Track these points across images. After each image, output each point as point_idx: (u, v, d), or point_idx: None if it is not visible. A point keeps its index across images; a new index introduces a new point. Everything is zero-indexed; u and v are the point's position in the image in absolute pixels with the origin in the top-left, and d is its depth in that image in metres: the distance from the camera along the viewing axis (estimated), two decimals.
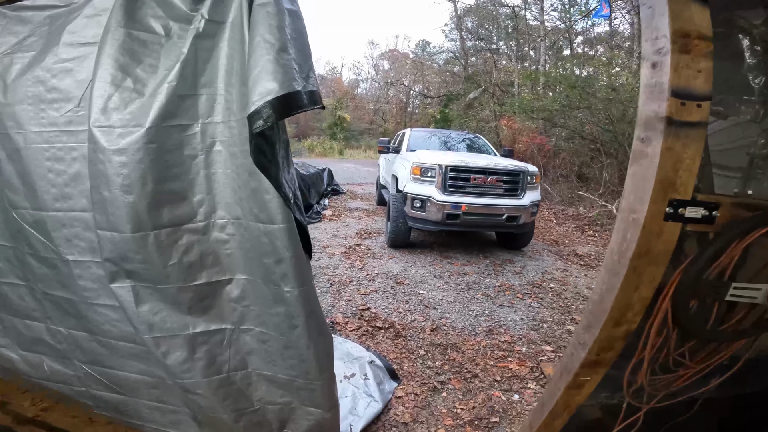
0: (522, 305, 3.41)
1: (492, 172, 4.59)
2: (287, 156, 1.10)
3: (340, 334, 2.76)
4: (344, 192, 9.49)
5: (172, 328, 1.16)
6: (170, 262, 1.09)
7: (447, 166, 4.49)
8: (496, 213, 4.52)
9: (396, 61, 36.57)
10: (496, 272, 4.25)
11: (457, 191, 4.51)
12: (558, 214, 8.02)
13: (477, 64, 20.34)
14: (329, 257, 4.49)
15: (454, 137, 6.82)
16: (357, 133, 32.58)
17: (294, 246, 1.09)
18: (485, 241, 5.61)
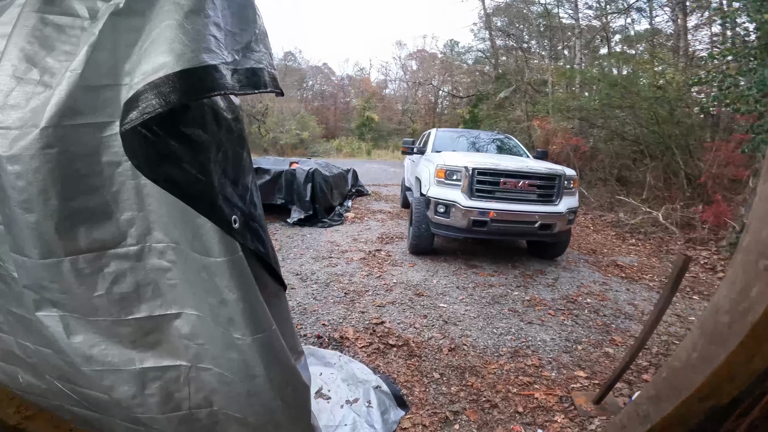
0: (554, 323, 3.09)
1: (524, 175, 4.22)
2: (238, 160, 0.86)
3: (348, 350, 2.55)
4: (369, 193, 9.33)
5: (114, 362, 0.97)
6: (96, 293, 0.89)
7: (474, 169, 4.16)
8: (528, 220, 4.16)
9: (424, 61, 36.35)
10: (525, 284, 3.91)
11: (485, 196, 4.18)
12: (596, 220, 7.50)
13: (507, 64, 19.80)
14: (347, 263, 4.27)
15: (482, 138, 6.45)
16: (385, 134, 32.61)
17: (242, 285, 0.87)
18: (514, 249, 5.26)
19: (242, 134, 0.89)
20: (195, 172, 0.75)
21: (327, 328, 2.83)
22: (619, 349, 2.76)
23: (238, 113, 0.88)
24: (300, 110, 31.79)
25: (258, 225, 0.87)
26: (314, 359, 2.26)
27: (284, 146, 28.14)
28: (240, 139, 0.86)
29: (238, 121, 0.87)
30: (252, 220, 0.85)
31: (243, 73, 0.75)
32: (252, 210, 0.86)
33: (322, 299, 3.33)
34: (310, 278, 3.79)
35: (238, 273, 0.84)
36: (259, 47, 0.81)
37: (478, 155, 5.10)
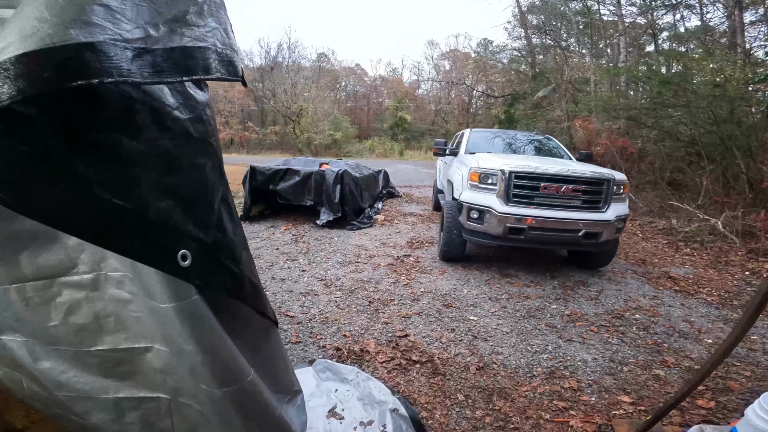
0: (596, 341, 2.83)
1: (567, 179, 3.88)
2: (198, 174, 0.69)
3: (368, 365, 2.39)
4: (400, 195, 9.16)
5: (86, 390, 0.86)
6: (50, 323, 0.77)
7: (511, 172, 3.87)
8: (571, 229, 3.82)
9: (457, 60, 35.84)
10: (565, 297, 3.60)
11: (523, 202, 3.88)
12: (645, 227, 6.94)
13: (545, 62, 19.05)
14: (373, 269, 4.11)
15: (520, 138, 6.09)
16: (418, 134, 32.43)
17: (201, 334, 0.70)
18: (554, 258, 4.90)
19: (207, 139, 0.72)
20: (110, 198, 0.57)
21: (348, 339, 2.69)
22: (671, 371, 2.48)
23: (202, 112, 0.71)
24: (333, 111, 32.13)
25: (230, 256, 0.70)
26: (330, 374, 2.15)
27: (318, 146, 28.51)
28: (202, 146, 0.69)
29: (202, 122, 0.70)
30: (219, 250, 0.68)
31: (162, 54, 0.57)
32: (220, 237, 0.68)
33: (345, 307, 3.19)
34: (335, 284, 3.66)
35: (194, 321, 0.68)
36: (203, 21, 0.63)
37: (515, 157, 4.79)
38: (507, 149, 5.64)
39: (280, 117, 32.04)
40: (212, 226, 0.70)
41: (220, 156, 0.77)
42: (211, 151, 0.73)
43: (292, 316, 3.00)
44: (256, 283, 0.79)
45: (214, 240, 0.68)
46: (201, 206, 0.70)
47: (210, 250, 0.68)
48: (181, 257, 0.65)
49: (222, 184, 0.74)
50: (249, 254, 0.78)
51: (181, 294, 0.67)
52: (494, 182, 3.93)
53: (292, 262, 4.22)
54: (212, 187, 0.73)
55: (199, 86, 0.72)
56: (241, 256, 0.74)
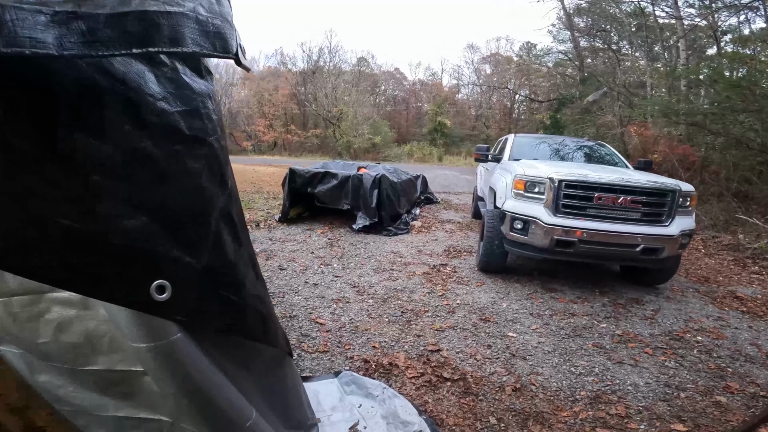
0: (650, 363, 2.60)
1: (626, 189, 3.56)
2: (190, 182, 0.57)
3: (395, 380, 2.26)
4: (438, 201, 8.96)
5: (85, 405, 0.80)
6: (41, 339, 0.69)
7: (561, 181, 3.59)
8: (628, 243, 3.51)
9: (498, 64, 35.04)
10: (617, 315, 3.33)
11: (574, 213, 3.60)
12: (708, 242, 6.34)
13: (594, 65, 18.14)
14: (408, 278, 3.96)
15: (568, 144, 5.72)
16: (457, 139, 31.97)
17: (182, 378, 0.59)
18: (604, 272, 4.55)
19: (205, 137, 0.60)
20: (54, 218, 0.44)
21: (377, 351, 2.57)
22: (734, 397, 2.27)
23: (200, 104, 0.59)
24: (373, 115, 32.33)
25: (228, 283, 0.58)
26: (356, 387, 2.06)
27: (357, 150, 28.77)
28: (197, 147, 0.57)
29: (199, 117, 0.58)
30: (214, 276, 0.56)
31: (105, 21, 0.43)
32: (216, 261, 0.56)
33: (377, 317, 3.07)
34: (368, 292, 3.55)
35: (174, 365, 0.56)
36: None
37: (564, 165, 4.48)
38: (554, 156, 5.31)
39: (321, 120, 32.68)
40: (206, 247, 0.58)
41: (224, 159, 0.64)
42: (209, 153, 0.60)
43: (322, 323, 2.92)
44: (265, 312, 0.67)
45: (208, 265, 0.56)
46: (190, 223, 0.58)
47: (201, 278, 0.56)
48: (157, 289, 0.53)
49: (224, 194, 0.61)
50: (257, 277, 0.66)
51: (157, 333, 0.55)
52: (541, 191, 3.67)
53: (326, 267, 4.16)
54: (209, 199, 0.60)
55: (198, 72, 0.61)
56: (243, 282, 0.61)
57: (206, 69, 0.64)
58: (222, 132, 0.65)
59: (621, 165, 5.04)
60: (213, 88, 0.65)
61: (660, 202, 3.59)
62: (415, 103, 39.52)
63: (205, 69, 0.64)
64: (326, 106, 31.72)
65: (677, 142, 9.14)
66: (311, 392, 1.94)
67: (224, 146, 0.66)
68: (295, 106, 34.88)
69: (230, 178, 0.67)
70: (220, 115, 0.65)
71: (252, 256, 0.67)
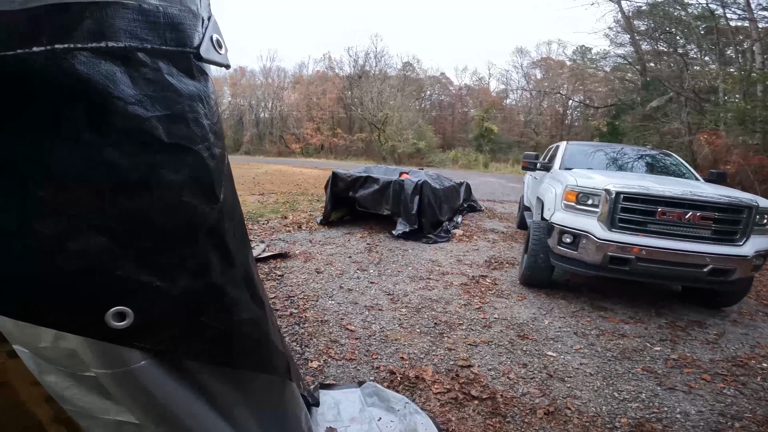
0: (706, 390, 2.41)
1: (695, 204, 3.21)
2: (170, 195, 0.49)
3: (420, 394, 2.16)
4: (482, 209, 8.68)
5: (88, 408, 0.77)
6: (41, 344, 0.65)
7: (619, 193, 3.30)
8: (694, 263, 3.17)
9: (550, 69, 33.70)
10: (673, 338, 3.06)
11: (633, 228, 3.29)
12: None
13: (658, 70, 16.91)
14: (445, 288, 3.81)
15: (628, 153, 5.29)
16: (505, 146, 31.14)
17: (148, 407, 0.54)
18: (662, 292, 4.15)
19: (191, 146, 0.53)
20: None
21: (404, 362, 2.48)
22: None
23: (186, 108, 0.53)
24: (418, 120, 32.26)
25: (212, 309, 0.50)
26: (377, 399, 1.99)
27: (401, 155, 28.81)
28: (180, 157, 0.50)
29: (185, 122, 0.51)
30: (194, 302, 0.48)
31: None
32: (197, 285, 0.49)
33: (408, 327, 2.97)
34: (401, 300, 3.45)
35: (140, 390, 0.50)
36: None
37: (622, 175, 4.13)
38: (611, 165, 4.92)
39: (366, 124, 33.11)
40: (185, 270, 0.52)
41: (216, 168, 0.57)
42: (195, 164, 0.53)
43: (352, 330, 2.87)
44: (259, 338, 0.59)
45: (187, 289, 0.49)
46: (165, 244, 0.51)
47: (175, 304, 0.50)
48: (115, 317, 0.47)
49: (213, 209, 0.54)
50: (253, 299, 0.59)
51: (112, 360, 0.50)
52: (596, 203, 3.39)
53: (362, 273, 4.11)
54: (191, 216, 0.53)
55: (188, 72, 0.55)
56: (232, 307, 0.54)
57: (199, 69, 0.58)
58: (217, 139, 0.58)
59: (689, 177, 4.58)
60: (208, 90, 0.59)
61: (734, 219, 3.20)
62: (461, 109, 38.98)
63: (198, 69, 0.58)
64: (371, 111, 32.10)
65: (753, 152, 8.23)
66: (332, 401, 1.90)
67: (218, 155, 0.58)
68: (341, 110, 35.63)
69: (225, 190, 0.59)
70: (215, 119, 0.59)
71: (249, 276, 0.60)
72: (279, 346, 0.65)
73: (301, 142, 35.05)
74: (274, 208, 7.50)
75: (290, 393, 0.72)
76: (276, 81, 39.49)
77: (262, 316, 0.61)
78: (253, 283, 0.60)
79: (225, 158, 0.60)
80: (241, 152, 34.26)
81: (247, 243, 0.64)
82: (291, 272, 3.99)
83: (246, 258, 0.61)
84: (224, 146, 0.62)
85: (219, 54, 0.57)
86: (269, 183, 11.54)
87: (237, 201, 0.63)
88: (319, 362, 2.42)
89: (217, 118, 0.59)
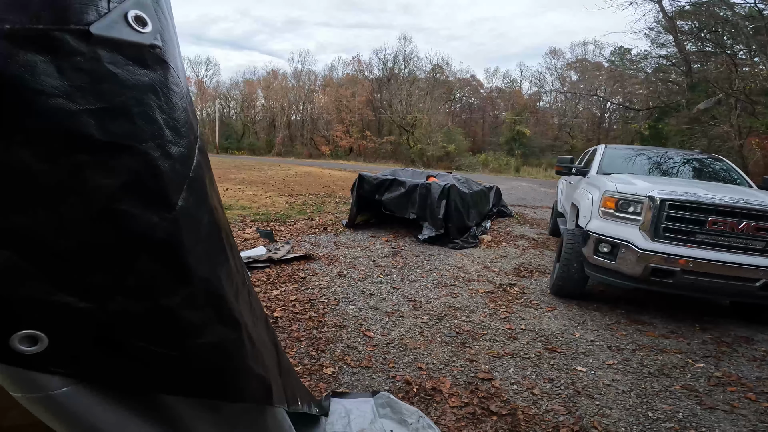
0: (750, 410, 2.23)
1: (751, 214, 2.94)
2: (28, 186, 0.41)
3: (435, 408, 2.05)
4: (512, 215, 8.42)
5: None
6: None
7: (664, 201, 3.06)
8: (746, 277, 2.92)
9: (586, 71, 32.53)
10: (718, 355, 2.84)
11: (678, 238, 3.05)
12: None
13: (705, 71, 15.98)
14: (470, 295, 3.66)
15: (673, 158, 4.95)
16: (537, 150, 30.39)
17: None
18: (707, 305, 3.85)
19: (135, 144, 0.46)
20: None
21: (422, 372, 2.37)
22: None
23: (131, 100, 0.46)
24: (447, 123, 31.96)
25: (153, 332, 0.42)
26: (390, 411, 1.91)
27: (430, 158, 28.63)
28: (117, 157, 0.43)
29: (127, 118, 0.44)
30: (128, 325, 0.41)
31: None
32: (137, 305, 0.41)
33: (429, 335, 2.85)
34: (424, 307, 3.33)
35: (66, 416, 0.44)
36: None
37: (667, 181, 3.85)
38: (654, 170, 4.61)
39: (395, 127, 33.12)
40: (120, 290, 0.45)
41: (173, 170, 0.49)
42: (138, 165, 0.46)
43: (370, 336, 2.79)
44: (227, 364, 0.50)
45: (121, 312, 0.42)
46: (91, 260, 0.44)
47: (104, 327, 0.43)
48: (23, 341, 0.41)
49: (164, 218, 0.46)
50: (221, 320, 0.50)
51: (30, 385, 0.44)
52: (637, 211, 3.17)
53: (386, 277, 4.02)
54: (128, 226, 0.45)
55: (139, 61, 0.48)
56: (189, 329, 0.46)
57: (155, 57, 0.51)
58: (177, 136, 0.50)
59: (741, 183, 4.23)
60: (167, 80, 0.52)
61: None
62: (492, 111, 38.32)
63: (155, 57, 0.51)
64: (400, 113, 32.09)
65: None
66: (344, 410, 1.82)
67: (176, 154, 0.50)
68: (370, 113, 35.82)
69: (188, 197, 0.51)
70: (175, 113, 0.51)
71: (216, 295, 0.51)
72: (256, 369, 0.57)
73: (330, 145, 35.51)
74: (302, 209, 7.56)
75: (272, 419, 0.64)
76: (307, 84, 40.24)
77: (235, 338, 0.53)
78: (223, 302, 0.52)
79: (192, 159, 0.52)
80: (272, 154, 35.10)
81: (220, 257, 0.55)
82: (314, 275, 3.96)
83: (214, 275, 0.52)
84: (193, 144, 0.54)
85: (135, 32, 0.49)
86: (298, 185, 11.68)
87: (209, 208, 0.55)
88: (334, 369, 2.35)
89: (183, 112, 0.52)
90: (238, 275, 0.58)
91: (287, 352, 2.49)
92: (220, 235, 0.56)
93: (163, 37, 0.52)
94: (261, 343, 0.59)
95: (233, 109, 43.82)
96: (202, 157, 0.54)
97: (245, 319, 0.55)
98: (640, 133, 18.88)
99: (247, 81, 42.57)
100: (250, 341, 0.56)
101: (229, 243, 0.57)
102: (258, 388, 0.59)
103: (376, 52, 40.54)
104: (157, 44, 0.50)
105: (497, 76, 40.23)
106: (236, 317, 0.53)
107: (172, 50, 0.54)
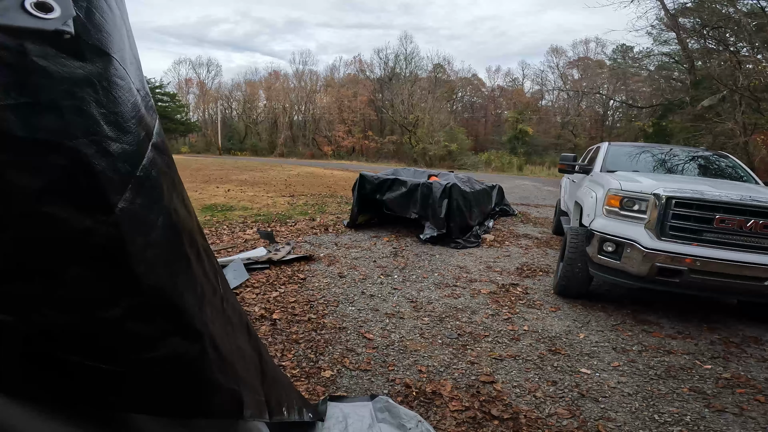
0: (759, 413, 2.20)
1: (757, 211, 2.88)
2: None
3: (435, 412, 2.01)
4: (515, 214, 8.36)
5: None
6: None
7: (670, 198, 3.00)
8: (754, 276, 2.86)
9: (588, 69, 32.43)
10: (727, 356, 2.80)
11: (685, 237, 2.99)
12: None
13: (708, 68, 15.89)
14: (472, 296, 3.61)
15: (678, 155, 4.87)
16: (540, 148, 30.28)
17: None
18: (716, 304, 3.79)
19: (64, 141, 0.41)
20: None
21: (422, 375, 2.33)
22: None
23: (63, 94, 0.42)
24: (449, 122, 31.88)
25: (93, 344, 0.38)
26: (388, 416, 1.87)
27: (432, 157, 28.55)
28: (38, 156, 0.39)
29: (57, 113, 0.40)
30: (61, 338, 0.37)
31: None
32: (70, 318, 0.37)
33: (430, 337, 2.81)
34: (425, 308, 3.28)
35: None
36: None
37: (672, 178, 3.79)
38: (659, 168, 4.54)
39: (397, 127, 33.06)
40: (47, 302, 0.40)
41: (112, 169, 0.45)
42: (69, 164, 0.42)
43: (370, 338, 2.74)
44: (183, 378, 0.46)
45: (49, 326, 0.38)
46: (10, 268, 0.39)
47: (29, 342, 0.39)
48: None
49: (102, 222, 0.42)
50: (180, 332, 0.45)
51: None
52: (643, 209, 3.11)
53: (386, 278, 3.98)
54: (57, 232, 0.41)
55: (74, 53, 0.44)
56: (134, 343, 0.42)
57: (94, 49, 0.46)
58: (119, 131, 0.46)
59: (748, 180, 4.15)
60: (108, 73, 0.48)
61: None
62: (494, 110, 38.21)
63: (94, 49, 0.46)
64: (402, 113, 32.03)
65: None
66: (341, 415, 1.79)
67: (117, 152, 0.46)
68: (372, 113, 35.79)
69: (136, 199, 0.47)
70: (116, 107, 0.47)
71: (172, 305, 0.47)
72: (224, 382, 0.52)
73: (332, 145, 35.48)
74: (303, 210, 7.52)
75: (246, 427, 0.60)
76: (308, 84, 40.24)
77: (197, 351, 0.48)
78: (181, 312, 0.47)
79: (141, 156, 0.48)
80: (275, 154, 35.12)
81: (179, 263, 0.50)
82: (314, 276, 3.92)
83: (170, 283, 0.48)
84: (144, 141, 0.49)
85: (35, 18, 0.44)
86: (300, 185, 11.65)
87: (165, 211, 0.50)
88: (333, 372, 2.31)
89: (130, 106, 0.47)
90: (207, 282, 0.53)
91: (285, 354, 2.45)
92: (181, 239, 0.51)
93: (95, 26, 0.47)
94: (235, 354, 0.55)
95: (235, 110, 43.91)
96: (157, 155, 0.50)
97: (213, 329, 0.50)
98: (644, 131, 18.76)
99: (248, 82, 42.68)
100: (217, 353, 0.51)
101: (194, 248, 0.52)
102: (226, 402, 0.55)
103: (377, 51, 40.65)
104: (66, 30, 0.45)
105: (499, 75, 40.15)
106: (198, 328, 0.48)
107: (118, 42, 0.50)
